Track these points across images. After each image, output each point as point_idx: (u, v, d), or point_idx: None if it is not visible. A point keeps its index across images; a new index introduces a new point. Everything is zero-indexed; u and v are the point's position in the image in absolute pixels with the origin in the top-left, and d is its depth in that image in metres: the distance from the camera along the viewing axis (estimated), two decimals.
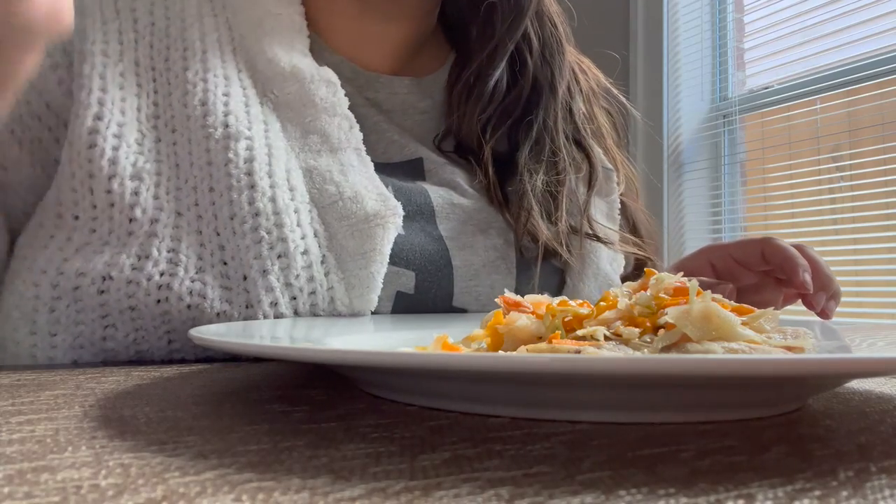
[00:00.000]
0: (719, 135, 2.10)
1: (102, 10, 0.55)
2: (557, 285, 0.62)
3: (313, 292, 0.50)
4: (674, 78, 2.13)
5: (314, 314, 0.51)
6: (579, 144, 0.67)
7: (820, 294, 0.57)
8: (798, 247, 0.59)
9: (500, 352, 0.33)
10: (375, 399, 0.31)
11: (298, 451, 0.22)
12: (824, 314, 0.58)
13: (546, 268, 0.61)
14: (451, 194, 0.60)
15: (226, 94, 0.53)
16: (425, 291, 0.55)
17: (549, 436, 0.24)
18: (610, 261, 0.65)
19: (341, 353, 0.27)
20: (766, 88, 2.00)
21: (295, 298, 0.50)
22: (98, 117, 0.51)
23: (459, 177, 0.63)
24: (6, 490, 0.18)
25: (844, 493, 0.19)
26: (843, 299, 0.59)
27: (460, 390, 0.28)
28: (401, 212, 0.53)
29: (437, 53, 0.70)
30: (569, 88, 0.68)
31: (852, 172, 1.83)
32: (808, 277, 0.56)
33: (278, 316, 0.49)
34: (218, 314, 0.48)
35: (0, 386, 0.34)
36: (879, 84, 1.75)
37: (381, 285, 0.52)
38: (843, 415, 0.30)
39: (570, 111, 0.68)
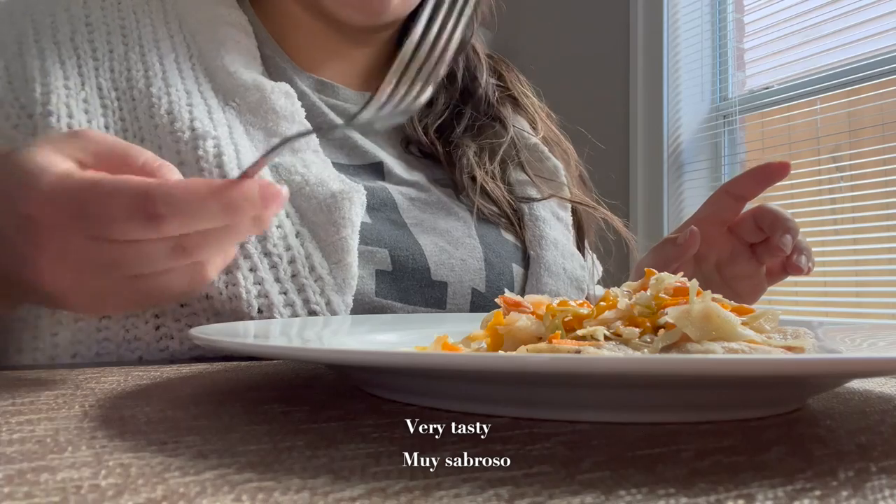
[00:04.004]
0: (719, 135, 2.10)
1: (60, 50, 0.58)
2: (522, 257, 0.69)
3: (293, 260, 0.53)
4: (674, 78, 2.13)
5: (299, 285, 0.53)
6: (498, 119, 0.79)
7: (797, 254, 0.59)
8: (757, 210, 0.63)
9: (500, 352, 0.33)
10: (375, 399, 0.31)
11: (298, 451, 0.22)
12: (797, 270, 0.60)
13: (508, 245, 0.68)
14: (410, 191, 0.66)
15: (189, 104, 0.57)
16: (402, 267, 0.59)
17: (549, 436, 0.24)
18: (571, 242, 0.73)
19: (341, 353, 0.27)
20: (766, 89, 2.00)
21: (275, 266, 0.53)
22: None
23: (419, 178, 0.69)
24: (6, 490, 0.18)
25: (844, 493, 0.19)
26: (843, 299, 0.60)
27: (460, 390, 0.28)
28: (363, 191, 0.58)
29: None
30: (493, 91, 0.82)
31: (852, 172, 1.83)
32: (786, 240, 0.59)
33: (259, 282, 0.52)
34: None
35: (0, 386, 0.34)
36: (879, 84, 1.75)
37: (357, 253, 0.55)
38: (843, 415, 0.30)
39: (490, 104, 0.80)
